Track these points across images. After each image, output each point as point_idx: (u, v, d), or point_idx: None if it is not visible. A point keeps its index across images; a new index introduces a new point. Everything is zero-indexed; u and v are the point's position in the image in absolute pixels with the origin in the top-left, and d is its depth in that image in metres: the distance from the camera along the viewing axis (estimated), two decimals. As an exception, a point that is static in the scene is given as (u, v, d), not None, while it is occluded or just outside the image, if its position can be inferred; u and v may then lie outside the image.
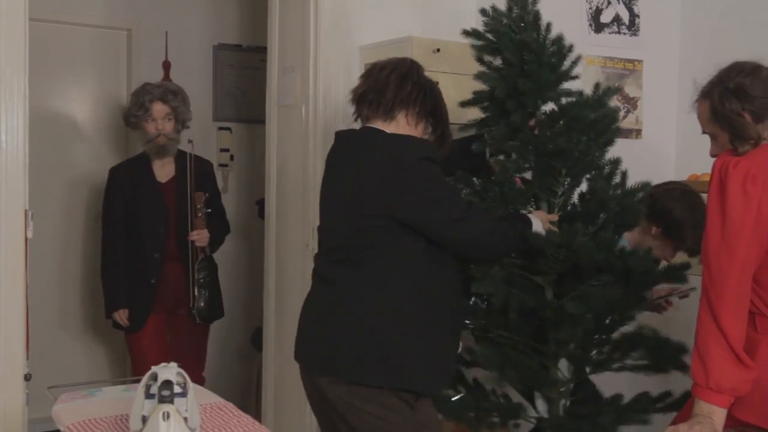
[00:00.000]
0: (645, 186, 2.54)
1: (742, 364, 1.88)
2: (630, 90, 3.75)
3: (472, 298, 2.60)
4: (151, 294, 3.55)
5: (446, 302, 2.28)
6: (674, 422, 1.97)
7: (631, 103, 3.77)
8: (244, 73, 4.69)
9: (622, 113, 3.75)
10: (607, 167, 2.56)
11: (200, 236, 3.55)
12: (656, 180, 3.85)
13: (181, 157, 3.62)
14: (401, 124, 2.29)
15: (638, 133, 3.79)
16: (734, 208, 1.89)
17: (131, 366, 3.73)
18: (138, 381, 1.87)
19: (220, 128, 4.62)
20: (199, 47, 4.58)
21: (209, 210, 3.58)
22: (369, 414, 2.18)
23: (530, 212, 2.50)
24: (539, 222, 2.41)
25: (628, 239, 2.75)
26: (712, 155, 2.11)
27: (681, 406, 2.37)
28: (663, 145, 3.89)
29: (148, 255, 3.54)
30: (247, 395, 4.49)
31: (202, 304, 3.59)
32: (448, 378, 2.43)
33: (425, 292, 2.22)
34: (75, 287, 4.34)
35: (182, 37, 4.49)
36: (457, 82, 2.97)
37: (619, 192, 2.55)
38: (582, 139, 2.44)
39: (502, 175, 2.53)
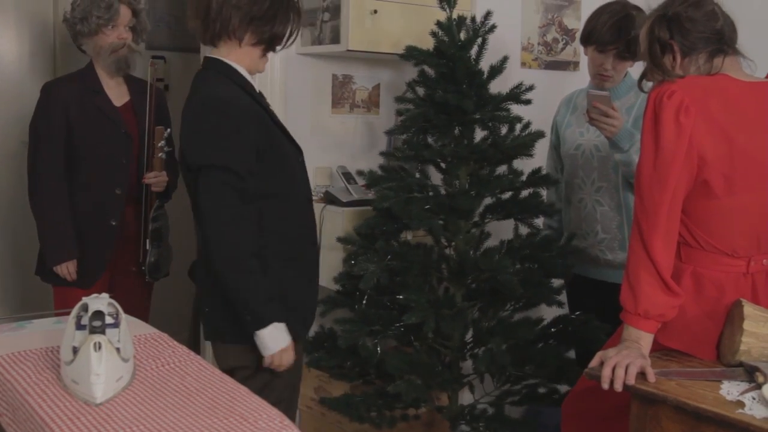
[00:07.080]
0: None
1: (670, 291, 1.93)
2: (569, 22, 3.75)
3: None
4: (111, 239, 3.00)
5: None
6: (605, 348, 2.01)
7: (570, 34, 3.77)
8: None
9: (560, 45, 3.75)
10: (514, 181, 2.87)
11: (158, 180, 3.04)
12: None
13: (130, 79, 3.12)
14: None
15: (576, 65, 3.81)
16: (667, 139, 1.91)
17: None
18: (68, 313, 1.84)
19: (154, 57, 4.48)
20: (130, -28, 4.39)
21: (170, 149, 3.07)
22: None
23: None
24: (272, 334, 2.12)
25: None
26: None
27: None
28: (600, 77, 3.91)
29: (106, 191, 2.97)
30: (180, 329, 4.46)
31: (153, 259, 3.10)
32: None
33: None
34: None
35: (112, -40, 4.29)
36: (406, 12, 2.99)
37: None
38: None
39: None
